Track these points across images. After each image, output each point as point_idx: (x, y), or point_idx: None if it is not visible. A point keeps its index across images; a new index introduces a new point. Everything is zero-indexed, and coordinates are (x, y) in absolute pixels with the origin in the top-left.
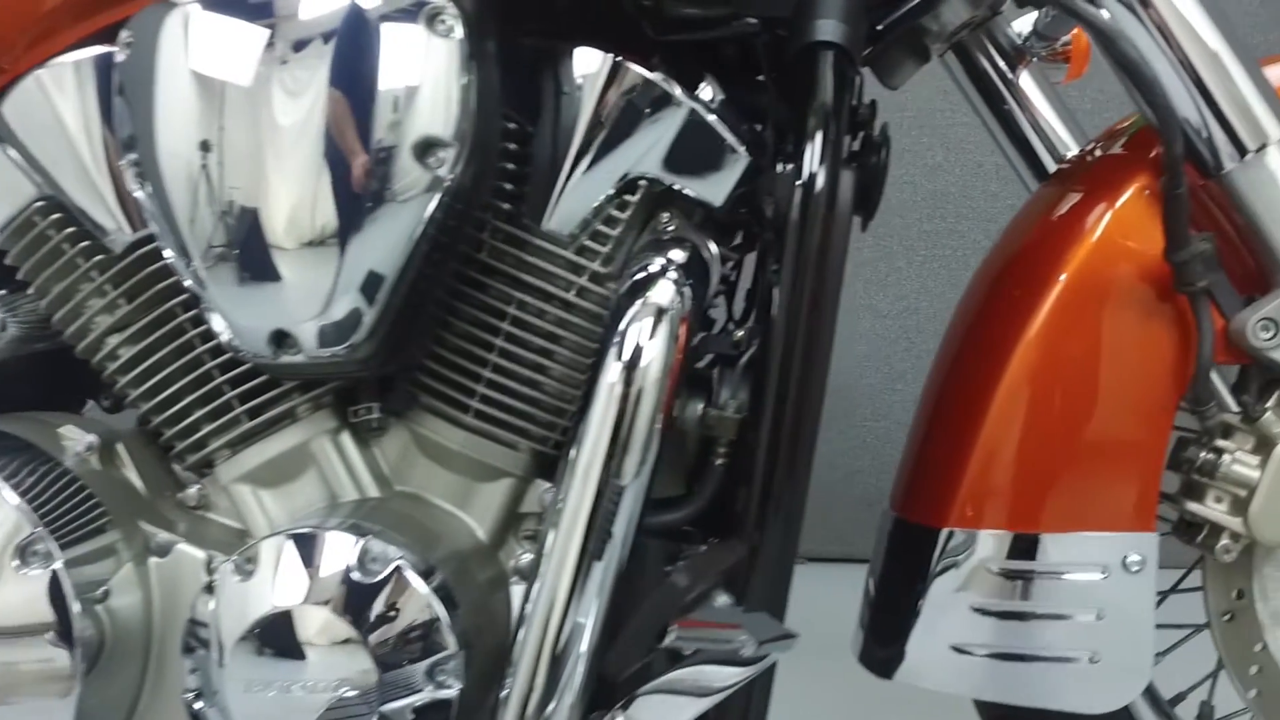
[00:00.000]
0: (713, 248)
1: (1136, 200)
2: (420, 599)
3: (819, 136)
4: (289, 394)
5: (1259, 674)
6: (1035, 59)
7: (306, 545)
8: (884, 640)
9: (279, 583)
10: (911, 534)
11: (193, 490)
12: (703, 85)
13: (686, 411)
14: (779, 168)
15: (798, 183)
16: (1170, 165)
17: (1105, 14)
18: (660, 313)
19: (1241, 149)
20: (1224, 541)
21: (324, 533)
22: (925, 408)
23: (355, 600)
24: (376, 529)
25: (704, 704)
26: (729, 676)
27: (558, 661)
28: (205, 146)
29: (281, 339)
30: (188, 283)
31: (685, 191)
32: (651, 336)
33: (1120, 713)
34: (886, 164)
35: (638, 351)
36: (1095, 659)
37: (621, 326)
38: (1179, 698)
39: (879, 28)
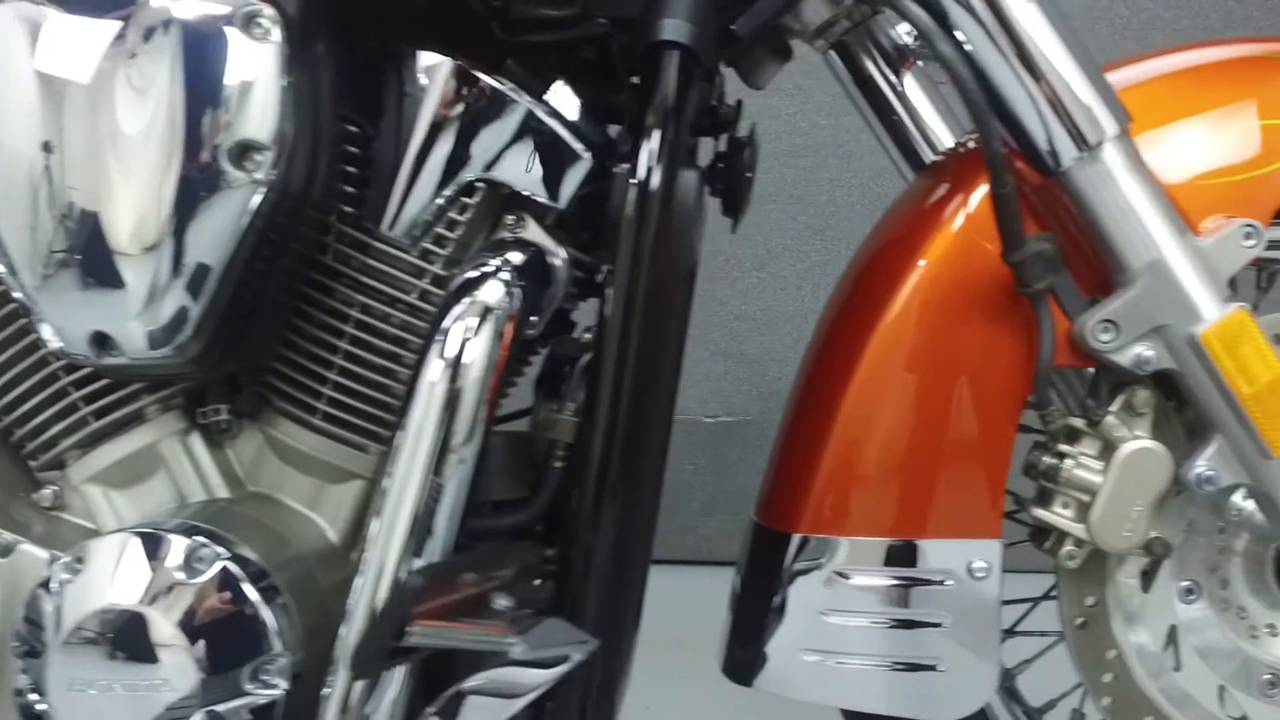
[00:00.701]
0: (561, 251)
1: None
2: (245, 600)
3: (656, 135)
4: (136, 395)
5: (1113, 682)
6: (918, 61)
7: (134, 545)
8: (743, 647)
9: (104, 582)
10: (767, 539)
11: (48, 491)
12: (554, 88)
13: (541, 414)
14: (619, 167)
15: (632, 181)
16: (990, 164)
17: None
18: (486, 311)
19: (1079, 146)
20: (1068, 548)
21: (153, 533)
22: (787, 410)
23: (177, 600)
24: (209, 529)
25: (516, 705)
26: (536, 679)
27: None
28: (19, 148)
29: (102, 340)
30: (9, 284)
31: (526, 194)
32: (475, 334)
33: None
34: (753, 164)
35: (461, 349)
36: (942, 667)
37: (445, 324)
38: (1050, 705)
39: (734, 28)
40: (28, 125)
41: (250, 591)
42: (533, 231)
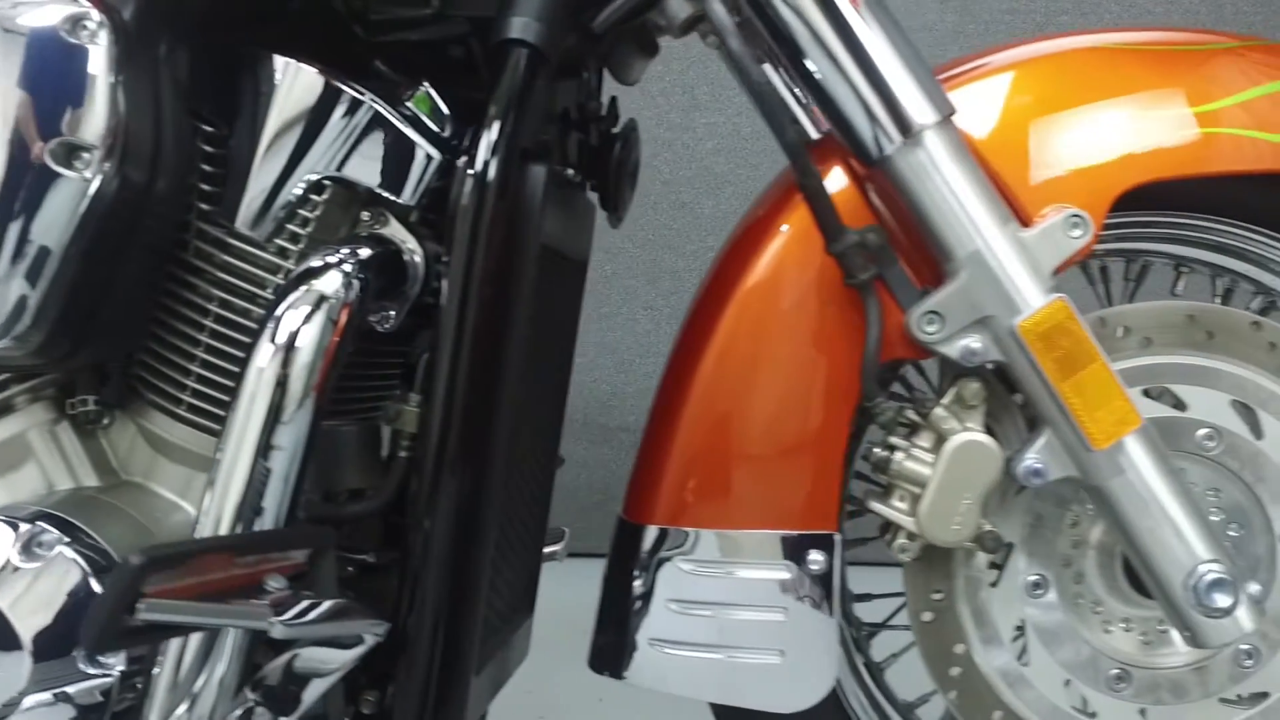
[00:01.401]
0: (417, 247)
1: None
2: (83, 585)
3: (495, 127)
4: (4, 385)
5: (960, 676)
6: None
7: None
8: (606, 640)
9: None
10: (626, 532)
11: None
12: (415, 88)
13: (391, 406)
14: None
15: (470, 173)
16: (790, 157)
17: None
18: (321, 300)
19: (897, 135)
20: (900, 540)
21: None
22: (651, 408)
23: (12, 584)
24: (57, 516)
25: (323, 684)
26: (333, 659)
27: (204, 651)
28: None
29: None
30: None
31: (375, 191)
32: (307, 322)
33: (838, 713)
34: (629, 160)
35: (293, 336)
36: (784, 657)
37: (278, 312)
38: (922, 700)
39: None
40: None
41: (88, 577)
42: (392, 228)
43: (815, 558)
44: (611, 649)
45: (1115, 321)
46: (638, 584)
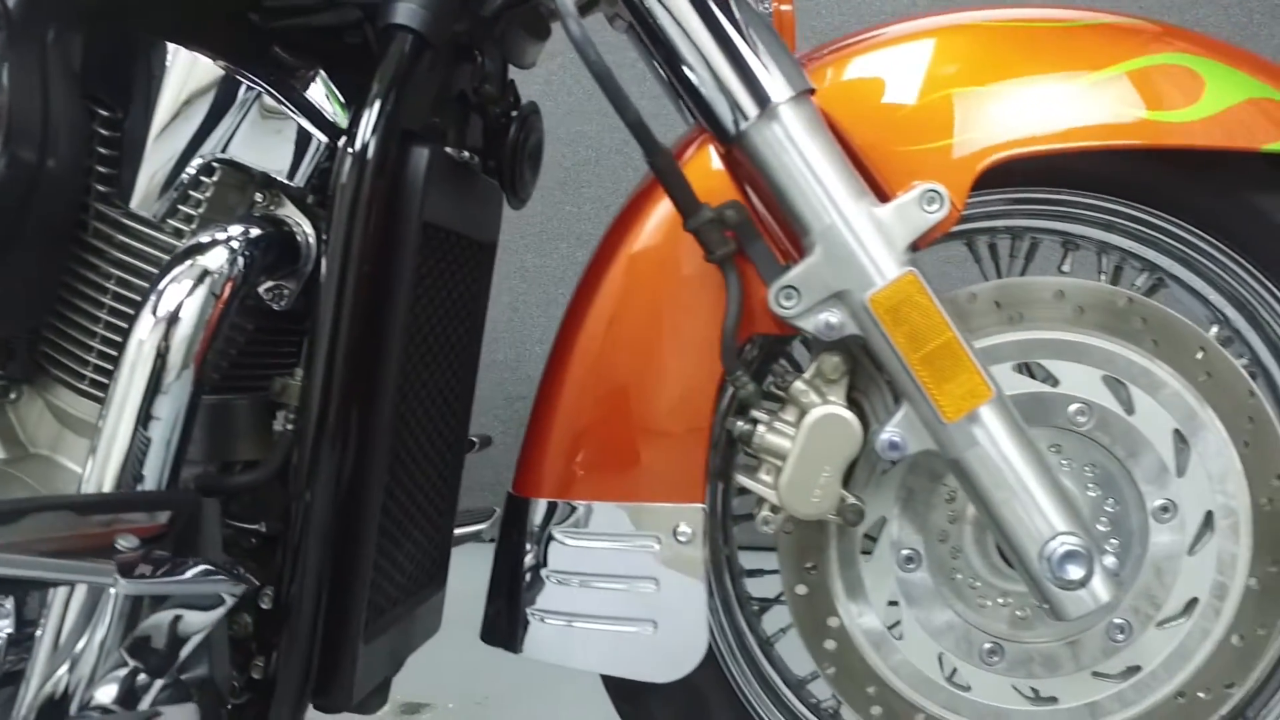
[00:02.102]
0: (310, 228)
1: (699, 159)
2: None
3: (375, 108)
4: None
5: (835, 650)
6: None
7: None
8: (495, 613)
9: None
10: (512, 506)
11: None
12: (310, 74)
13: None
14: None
15: (349, 152)
16: (635, 134)
17: None
18: (204, 274)
19: (752, 110)
20: (764, 513)
21: None
22: (539, 383)
23: None
24: None
25: (190, 646)
26: (200, 621)
27: (86, 613)
28: None
29: None
30: None
31: (267, 173)
32: (189, 295)
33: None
34: (528, 142)
35: (175, 308)
36: (656, 627)
37: (160, 285)
38: (815, 675)
39: (484, 12)
40: None
41: None
42: (286, 209)
43: (684, 529)
44: (502, 621)
45: (986, 297)
46: (526, 557)
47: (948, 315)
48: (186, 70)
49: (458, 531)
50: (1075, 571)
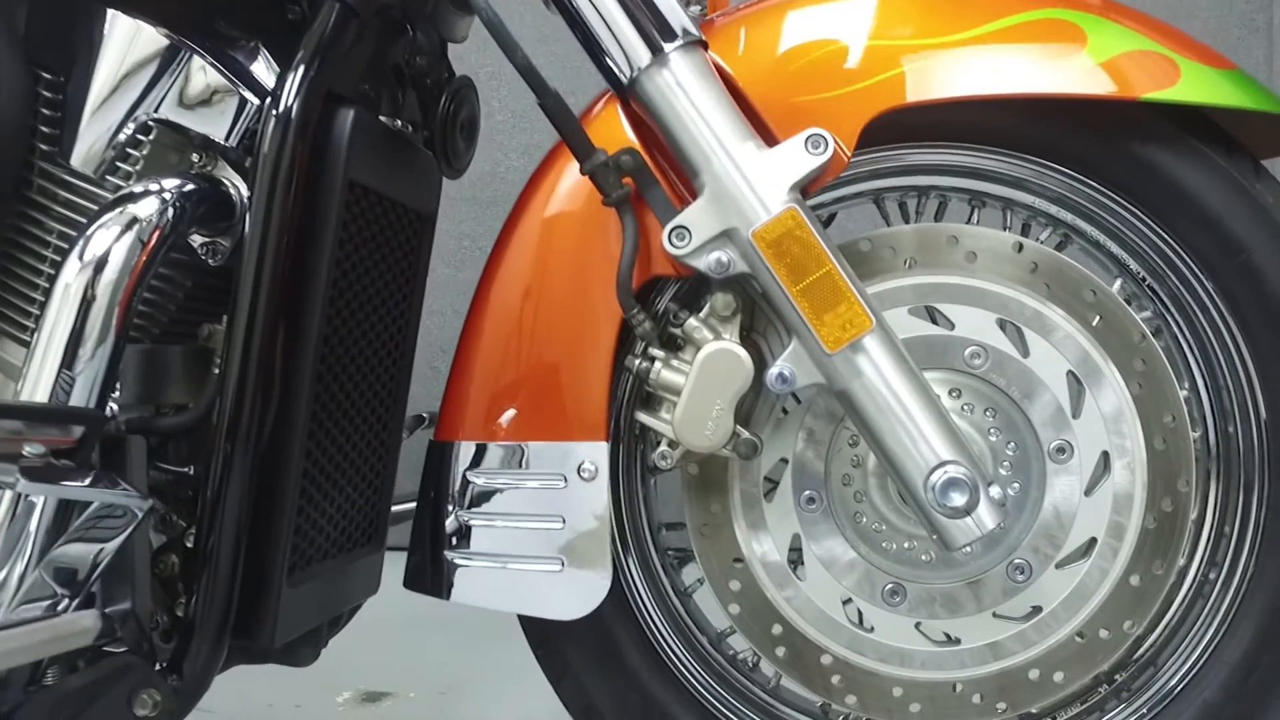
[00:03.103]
0: (244, 187)
1: (608, 112)
2: None
3: (300, 71)
4: None
5: (740, 590)
6: None
7: None
8: (418, 560)
9: None
10: (433, 452)
11: None
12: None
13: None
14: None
15: (273, 113)
16: (523, 76)
17: None
18: (132, 221)
19: (647, 55)
20: (661, 448)
21: None
22: (460, 332)
23: None
24: None
25: (99, 568)
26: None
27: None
28: None
29: None
30: None
31: (201, 133)
32: (115, 241)
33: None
34: (460, 114)
35: (102, 254)
36: (564, 564)
37: (89, 231)
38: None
39: None
40: None
41: None
42: (220, 169)
43: (588, 466)
44: (423, 567)
45: (881, 243)
46: (445, 502)
47: (829, 249)
48: (128, 36)
49: (399, 507)
50: (958, 499)
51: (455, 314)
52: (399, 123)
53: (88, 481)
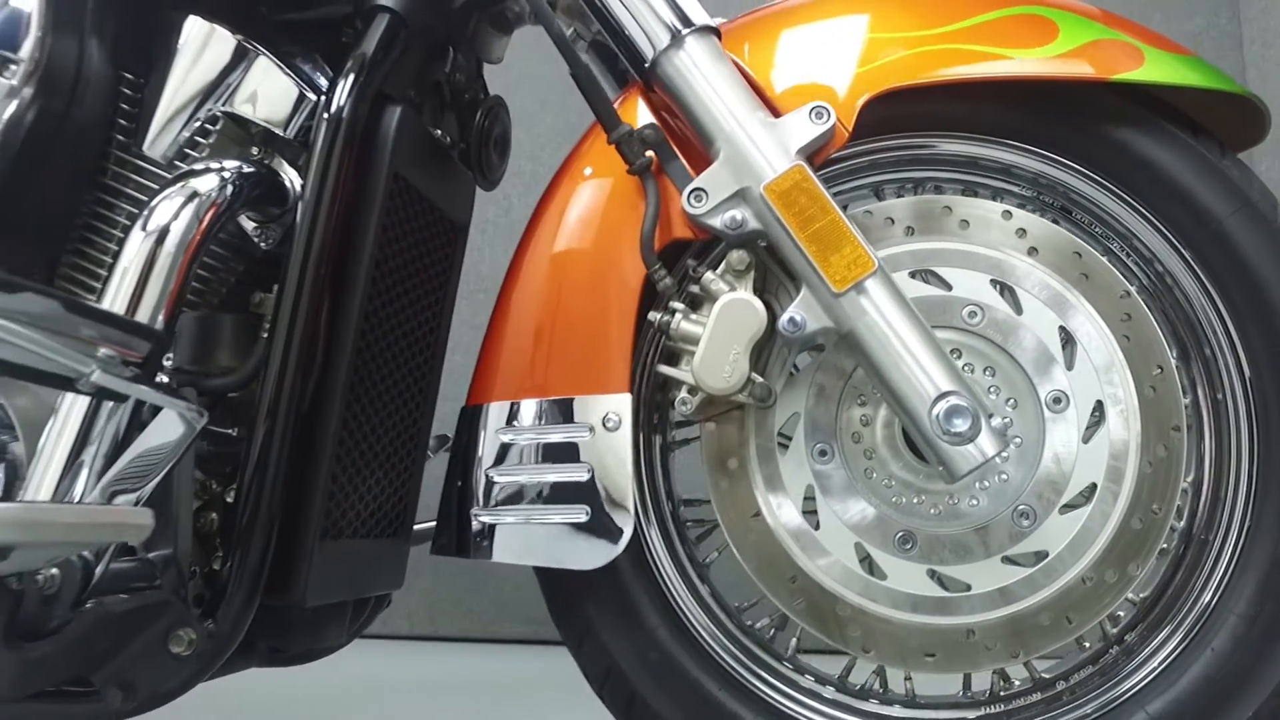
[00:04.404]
0: (297, 178)
1: (630, 102)
2: None
3: (353, 68)
4: None
5: (757, 542)
6: None
7: None
8: (445, 523)
9: None
10: (463, 417)
11: None
12: (308, 54)
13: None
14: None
15: (329, 108)
16: (558, 47)
17: None
18: (192, 196)
19: (666, 38)
20: (681, 395)
21: None
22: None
23: None
24: None
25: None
26: (168, 448)
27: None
28: None
29: None
30: None
31: (262, 125)
32: (176, 216)
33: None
34: (494, 129)
35: (164, 226)
36: (590, 513)
37: (153, 202)
38: (753, 604)
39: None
40: None
41: None
42: (278, 161)
43: (612, 416)
44: (450, 531)
45: (881, 213)
46: (473, 463)
47: (833, 201)
48: (204, 37)
49: (420, 527)
50: (961, 424)
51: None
52: (439, 132)
53: (154, 388)
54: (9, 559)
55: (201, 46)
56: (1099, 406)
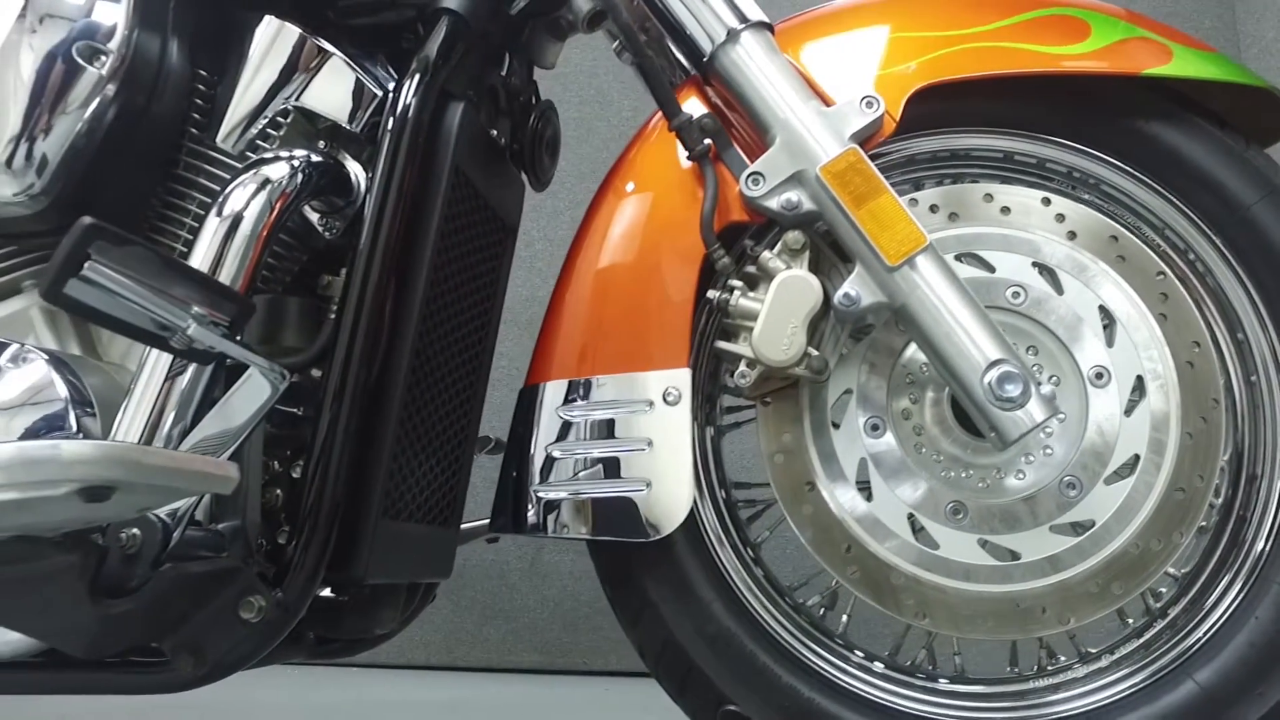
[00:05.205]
0: (362, 171)
1: (686, 96)
2: (40, 369)
3: (420, 66)
4: (12, 268)
5: (812, 514)
6: None
7: None
8: (504, 500)
9: None
10: (522, 398)
11: None
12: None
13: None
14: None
15: (397, 103)
16: (625, 36)
17: None
18: (265, 183)
19: (723, 31)
20: (740, 369)
21: None
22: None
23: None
24: (44, 347)
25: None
26: (252, 406)
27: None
28: None
29: None
30: None
31: (331, 119)
32: (249, 201)
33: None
34: (546, 132)
35: (238, 208)
36: (650, 485)
37: (227, 190)
38: (803, 583)
39: (512, 11)
40: None
41: (55, 376)
42: (344, 155)
43: (672, 390)
44: (508, 507)
45: (925, 200)
46: (532, 440)
47: (885, 181)
48: (276, 35)
49: (466, 525)
50: (1013, 390)
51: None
52: (495, 133)
53: (241, 346)
54: (110, 501)
55: (277, 44)
56: (1139, 381)
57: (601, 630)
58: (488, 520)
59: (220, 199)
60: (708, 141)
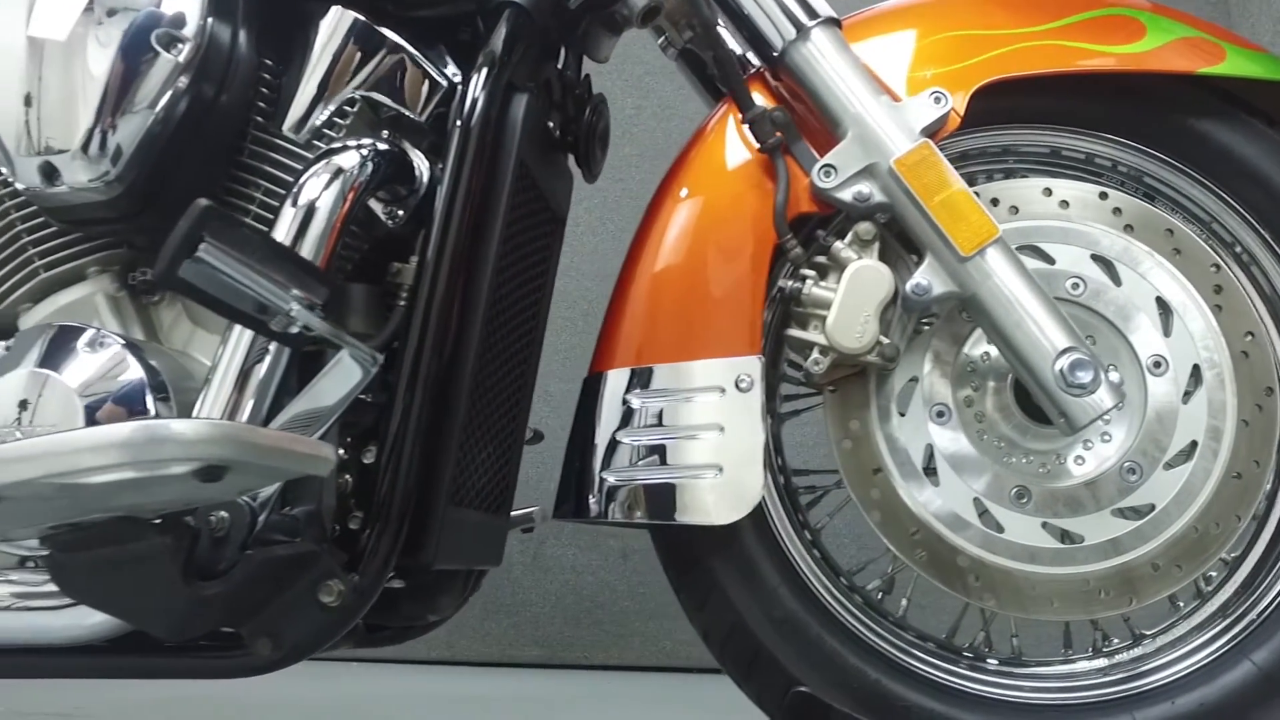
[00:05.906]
0: (424, 162)
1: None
2: (118, 353)
3: (487, 60)
4: (80, 254)
5: (880, 498)
6: None
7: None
8: (568, 488)
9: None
10: (587, 385)
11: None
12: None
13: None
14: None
15: (465, 105)
16: (705, 33)
17: None
18: (338, 172)
19: (792, 30)
20: (813, 356)
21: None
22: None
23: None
24: (119, 332)
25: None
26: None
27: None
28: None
29: (50, 173)
30: None
31: (395, 109)
32: (323, 191)
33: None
34: (599, 125)
35: (313, 196)
36: (721, 470)
37: (302, 179)
38: (861, 568)
39: (571, 4)
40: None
41: (132, 360)
42: (407, 145)
43: (745, 377)
44: (572, 494)
45: (986, 194)
46: (599, 427)
47: (956, 174)
48: (344, 26)
49: (515, 512)
50: (1084, 376)
51: None
52: (550, 124)
53: (334, 330)
54: (222, 481)
55: (343, 35)
56: (1195, 370)
57: (603, 624)
58: (530, 509)
59: (295, 188)
60: (779, 135)
